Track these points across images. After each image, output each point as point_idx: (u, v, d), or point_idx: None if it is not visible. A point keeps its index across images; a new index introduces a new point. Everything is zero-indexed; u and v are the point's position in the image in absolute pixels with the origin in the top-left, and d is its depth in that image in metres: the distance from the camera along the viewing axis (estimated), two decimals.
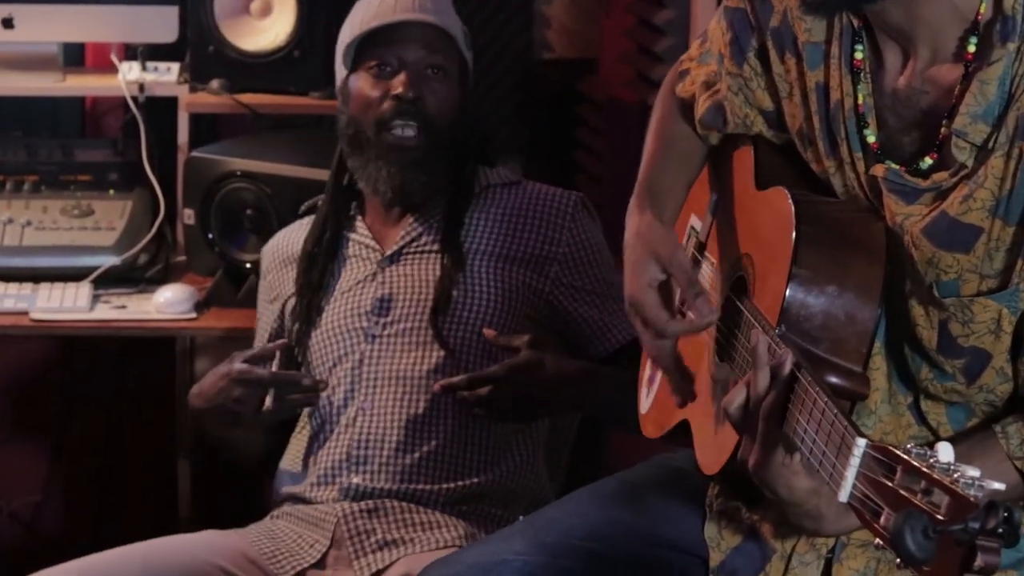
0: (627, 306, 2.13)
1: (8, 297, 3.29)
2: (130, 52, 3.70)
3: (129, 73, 3.62)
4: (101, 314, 3.28)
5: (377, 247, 2.87)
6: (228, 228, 3.34)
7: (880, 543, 1.50)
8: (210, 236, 3.35)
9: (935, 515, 1.38)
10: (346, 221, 2.91)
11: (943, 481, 1.38)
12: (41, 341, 3.81)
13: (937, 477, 1.39)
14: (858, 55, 1.93)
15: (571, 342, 2.84)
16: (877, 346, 1.91)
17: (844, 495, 1.59)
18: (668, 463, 2.22)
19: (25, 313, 3.26)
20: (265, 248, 3.05)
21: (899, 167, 1.89)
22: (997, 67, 1.82)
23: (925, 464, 1.42)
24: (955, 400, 1.92)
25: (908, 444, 1.50)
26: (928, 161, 1.87)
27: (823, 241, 1.89)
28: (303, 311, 2.86)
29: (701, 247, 2.20)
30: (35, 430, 3.90)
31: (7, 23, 3.59)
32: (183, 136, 3.62)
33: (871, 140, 1.92)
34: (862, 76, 1.93)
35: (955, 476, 1.40)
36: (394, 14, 2.82)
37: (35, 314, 3.26)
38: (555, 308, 2.85)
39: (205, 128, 3.72)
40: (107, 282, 3.36)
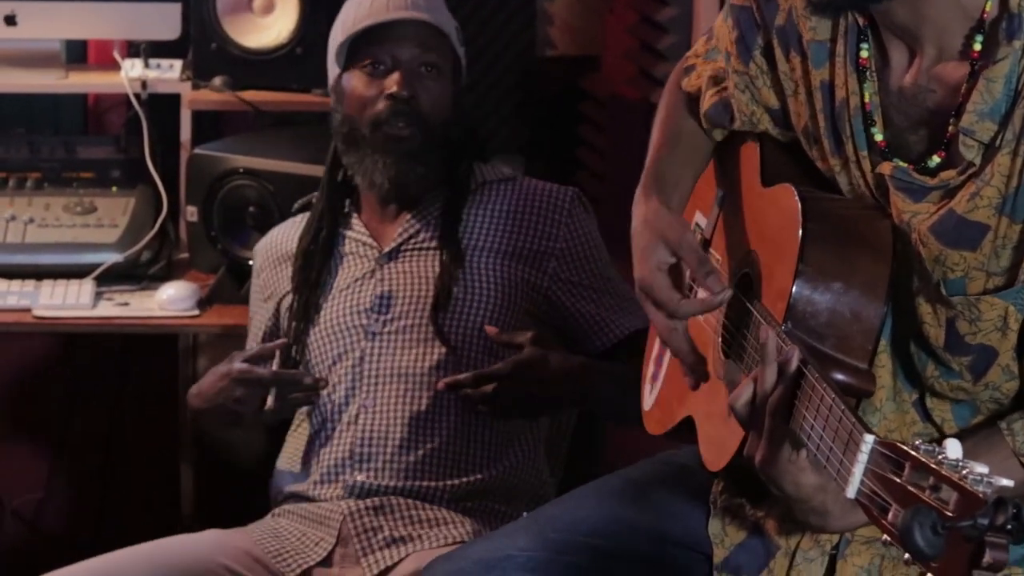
0: (637, 290, 2.10)
1: (11, 294, 3.28)
2: (133, 49, 3.69)
3: (132, 70, 3.61)
4: (104, 311, 3.28)
5: (374, 244, 2.87)
6: (231, 225, 3.34)
7: (888, 539, 1.50)
8: (213, 233, 3.35)
9: (944, 511, 1.38)
10: (342, 218, 2.91)
11: (952, 477, 1.39)
12: (44, 338, 3.81)
13: (946, 473, 1.39)
14: (863, 53, 1.93)
15: (568, 337, 2.84)
16: (883, 344, 1.91)
17: (852, 491, 1.59)
18: (672, 460, 2.22)
19: (28, 310, 3.25)
20: (258, 246, 3.03)
21: (907, 165, 1.89)
22: (1003, 65, 1.82)
23: (934, 460, 1.43)
24: (961, 398, 1.92)
25: (916, 441, 1.51)
26: (936, 159, 1.87)
27: (829, 238, 1.89)
28: (301, 309, 2.86)
29: (705, 244, 2.20)
30: (37, 427, 3.90)
31: (10, 20, 3.59)
32: (186, 133, 3.61)
33: (878, 138, 1.92)
34: (868, 74, 1.93)
35: (964, 472, 1.40)
36: (387, 12, 2.82)
37: (38, 311, 3.25)
38: (553, 304, 2.85)
39: (208, 125, 3.71)
40: (110, 279, 3.36)
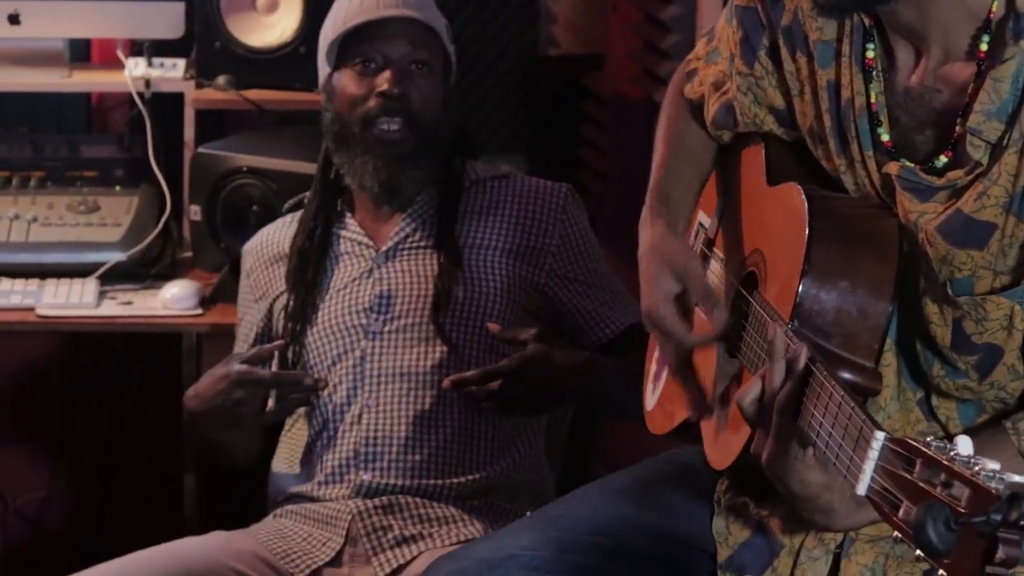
0: (644, 319, 2.13)
1: (14, 293, 3.29)
2: (136, 48, 3.70)
3: (135, 69, 3.61)
4: (107, 310, 3.28)
5: (371, 243, 2.86)
6: (234, 224, 3.34)
7: (899, 536, 1.50)
8: (216, 232, 3.36)
9: (956, 507, 1.39)
10: (335, 218, 2.90)
11: (964, 473, 1.39)
12: (47, 337, 3.81)
13: (958, 470, 1.40)
14: (870, 54, 1.93)
15: (565, 333, 2.84)
16: (888, 343, 1.91)
17: (863, 488, 1.59)
18: (676, 459, 2.22)
19: (31, 309, 3.26)
20: (247, 247, 3.02)
21: (914, 165, 1.89)
22: (1010, 64, 1.82)
23: (946, 457, 1.43)
24: (966, 397, 1.93)
25: (928, 438, 1.51)
26: (943, 159, 1.87)
27: (836, 237, 1.90)
28: (298, 309, 2.84)
29: (710, 243, 2.20)
30: (41, 426, 3.90)
31: (13, 19, 3.59)
32: (189, 132, 3.62)
33: (884, 138, 1.92)
34: (874, 75, 1.93)
35: (976, 469, 1.40)
36: (378, 10, 2.81)
37: (41, 310, 3.25)
38: (550, 300, 2.85)
39: (211, 124, 3.72)
40: (113, 278, 3.36)
